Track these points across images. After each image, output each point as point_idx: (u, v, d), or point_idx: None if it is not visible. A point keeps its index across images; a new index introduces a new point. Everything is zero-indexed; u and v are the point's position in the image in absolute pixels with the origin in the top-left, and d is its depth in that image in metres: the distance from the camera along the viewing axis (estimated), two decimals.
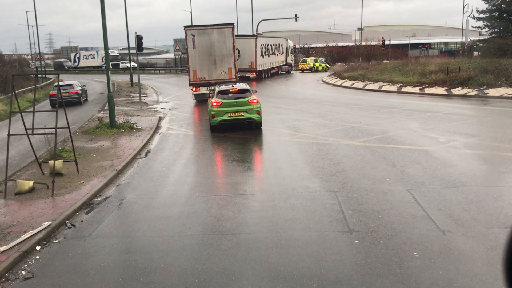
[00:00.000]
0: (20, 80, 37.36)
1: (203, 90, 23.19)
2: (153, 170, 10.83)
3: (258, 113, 15.12)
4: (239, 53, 39.53)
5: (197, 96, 24.04)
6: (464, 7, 47.71)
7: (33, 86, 37.31)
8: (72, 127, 17.94)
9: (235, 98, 15.06)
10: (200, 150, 13.14)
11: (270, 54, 42.92)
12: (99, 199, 8.78)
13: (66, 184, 9.53)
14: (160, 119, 19.16)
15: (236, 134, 15.14)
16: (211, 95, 16.81)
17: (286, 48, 49.00)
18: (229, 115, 14.91)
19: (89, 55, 78.74)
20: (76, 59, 79.80)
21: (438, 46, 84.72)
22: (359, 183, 8.96)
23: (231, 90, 15.41)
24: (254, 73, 39.08)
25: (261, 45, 40.10)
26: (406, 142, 12.59)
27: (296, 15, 54.06)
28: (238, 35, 40.34)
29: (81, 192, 9.00)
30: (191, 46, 23.49)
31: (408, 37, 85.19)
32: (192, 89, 24.26)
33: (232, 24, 24.00)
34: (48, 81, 45.32)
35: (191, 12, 55.89)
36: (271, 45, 43.20)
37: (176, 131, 16.23)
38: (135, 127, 16.59)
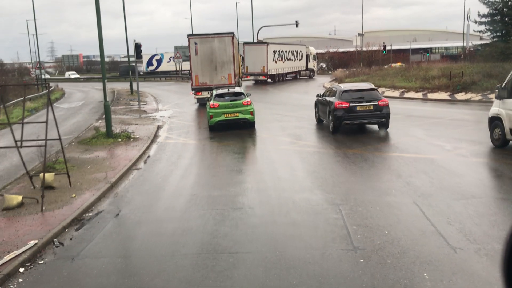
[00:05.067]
0: (19, 89, 37.05)
1: (205, 94, 24.07)
2: (149, 182, 10.44)
3: (252, 113, 16.55)
4: (243, 59, 41.27)
5: (199, 100, 25.21)
6: (466, 13, 47.46)
7: (34, 95, 37.14)
8: (69, 137, 17.62)
9: (231, 101, 16.53)
10: (198, 160, 12.75)
11: (285, 60, 45.33)
12: (90, 214, 8.37)
13: (57, 198, 9.13)
14: (159, 127, 18.80)
15: (236, 142, 14.76)
16: (209, 98, 18.02)
17: (307, 55, 50.81)
18: (225, 116, 16.33)
19: (177, 56, 54.35)
20: (154, 62, 60.91)
21: (439, 50, 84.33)
22: (363, 195, 8.54)
23: (226, 93, 16.94)
24: (265, 76, 42.13)
25: (273, 51, 42.82)
26: (410, 150, 12.17)
27: (296, 21, 54.12)
28: (250, 43, 46.37)
29: (72, 206, 8.59)
30: (194, 53, 24.68)
31: (409, 42, 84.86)
32: (194, 94, 25.41)
33: (232, 33, 25.33)
34: (49, 89, 45.06)
35: (191, 19, 55.93)
36: (286, 51, 45.62)
37: (174, 140, 15.86)
38: (133, 136, 16.22)
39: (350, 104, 14.28)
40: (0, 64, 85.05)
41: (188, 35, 25.37)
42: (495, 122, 11.77)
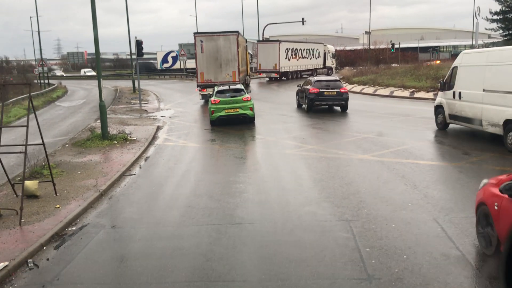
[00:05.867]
0: (20, 87, 36.52)
1: (209, 91, 24.22)
2: (141, 191, 9.62)
3: (251, 109, 17.02)
4: (251, 57, 41.78)
5: (203, 97, 25.62)
6: (475, 10, 46.13)
7: (34, 93, 36.45)
8: (64, 138, 16.87)
9: (231, 97, 17.06)
10: (196, 165, 11.93)
11: (299, 58, 45.69)
12: (73, 228, 7.57)
13: (39, 209, 8.34)
14: (158, 128, 18.00)
15: (238, 145, 13.93)
16: (210, 94, 18.95)
17: (325, 53, 50.96)
18: (226, 111, 16.85)
19: (182, 54, 48.82)
20: (169, 59, 58.02)
21: (447, 49, 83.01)
22: (376, 209, 7.67)
23: (227, 89, 17.55)
24: (277, 74, 42.61)
25: (286, 49, 43.28)
26: (426, 156, 11.27)
27: (303, 19, 53.40)
28: (263, 40, 47.97)
29: (54, 219, 7.79)
30: (200, 51, 25.27)
31: (417, 40, 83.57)
32: (199, 90, 25.83)
33: (237, 31, 25.79)
34: (51, 87, 44.57)
35: (196, 17, 55.14)
36: (300, 49, 45.95)
37: (173, 143, 15.03)
38: (129, 138, 15.41)
39: (320, 90, 19.49)
40: (6, 61, 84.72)
41: (194, 33, 26.00)
42: (438, 109, 14.67)
